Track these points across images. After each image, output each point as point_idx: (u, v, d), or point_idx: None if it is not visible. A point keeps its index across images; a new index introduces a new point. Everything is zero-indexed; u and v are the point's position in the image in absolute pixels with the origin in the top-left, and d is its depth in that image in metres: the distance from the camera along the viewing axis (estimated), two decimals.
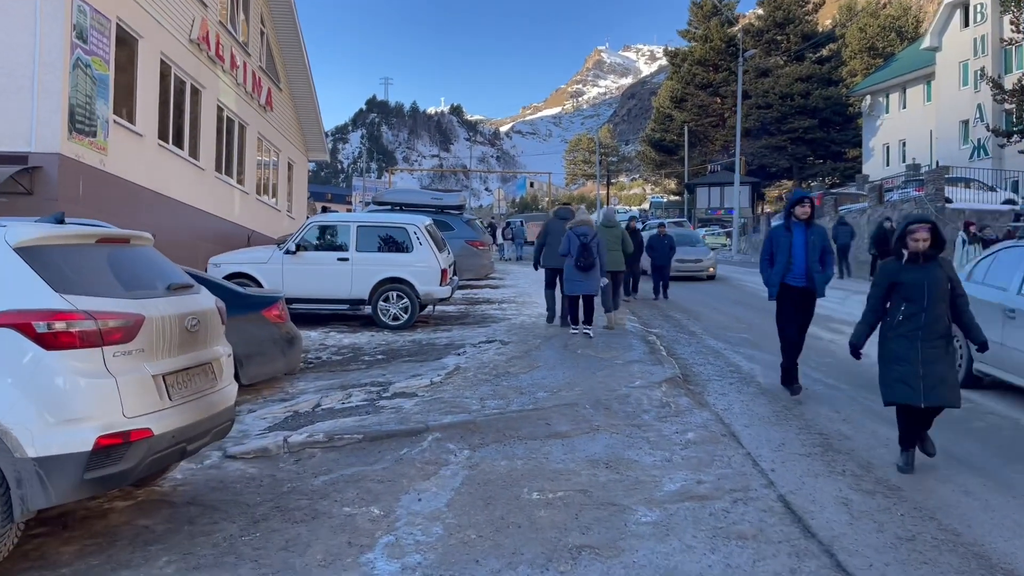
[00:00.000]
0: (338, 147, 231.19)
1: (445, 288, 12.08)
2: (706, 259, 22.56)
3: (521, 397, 7.07)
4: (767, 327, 12.70)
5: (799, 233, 7.52)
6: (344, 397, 7.56)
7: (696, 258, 22.26)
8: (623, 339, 10.43)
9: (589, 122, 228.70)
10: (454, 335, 11.19)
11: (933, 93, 45.00)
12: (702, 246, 24.04)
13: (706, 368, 8.98)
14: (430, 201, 18.08)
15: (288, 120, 22.93)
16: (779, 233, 7.64)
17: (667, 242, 17.75)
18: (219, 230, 16.80)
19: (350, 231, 12.04)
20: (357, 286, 11.94)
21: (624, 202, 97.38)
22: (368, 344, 10.74)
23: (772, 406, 7.15)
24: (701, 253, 22.84)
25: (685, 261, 21.14)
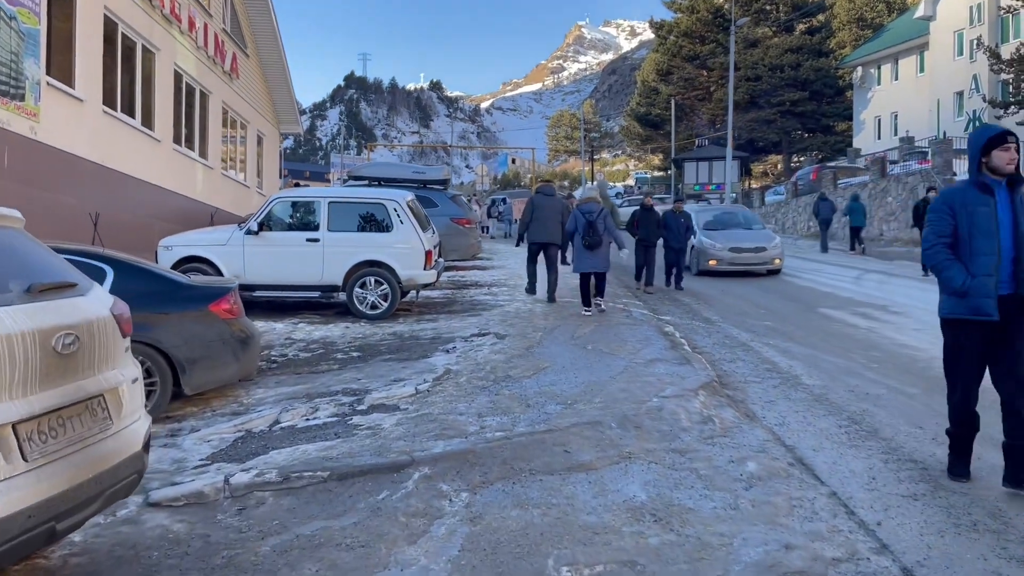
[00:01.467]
0: (316, 124, 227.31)
1: (430, 272, 10.67)
2: (771, 247, 16.28)
3: (528, 411, 5.70)
4: (788, 312, 11.45)
5: (1004, 199, 4.32)
6: (309, 411, 6.16)
7: (757, 245, 16.24)
8: (637, 330, 9.07)
9: (570, 98, 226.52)
10: (441, 326, 9.79)
11: (926, 64, 43.82)
12: (760, 228, 17.71)
13: (738, 366, 7.66)
14: (411, 175, 16.55)
15: (257, 90, 21.25)
16: (971, 196, 4.37)
17: (683, 221, 14.77)
18: (178, 208, 15.23)
19: (321, 208, 10.56)
20: (329, 270, 10.49)
21: (608, 178, 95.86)
22: (342, 338, 9.32)
23: (835, 419, 5.83)
24: (763, 239, 16.66)
25: (742, 250, 16.04)
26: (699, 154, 52.69)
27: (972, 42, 39.12)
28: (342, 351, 8.62)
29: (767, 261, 16.22)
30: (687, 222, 14.82)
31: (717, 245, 16.24)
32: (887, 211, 25.15)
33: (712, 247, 16.25)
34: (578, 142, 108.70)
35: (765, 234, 17.27)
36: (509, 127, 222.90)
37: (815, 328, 9.98)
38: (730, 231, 16.85)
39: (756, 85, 49.64)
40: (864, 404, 6.24)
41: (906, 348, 8.59)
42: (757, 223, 18.04)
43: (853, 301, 12.49)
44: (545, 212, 11.52)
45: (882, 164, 26.34)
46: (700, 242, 16.34)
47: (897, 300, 12.45)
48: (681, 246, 14.57)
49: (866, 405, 6.20)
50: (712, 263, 16.14)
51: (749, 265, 16.11)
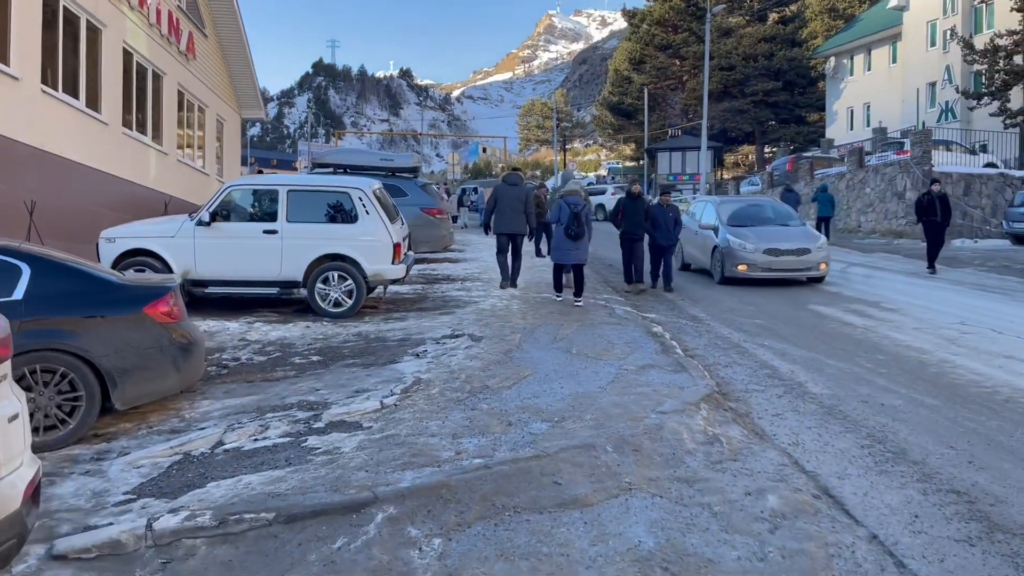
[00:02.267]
0: (284, 111, 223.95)
1: (399, 266, 9.88)
2: (815, 248, 13.17)
3: (510, 431, 4.98)
4: (777, 309, 10.84)
5: None
6: (259, 429, 5.39)
7: (798, 246, 13.10)
8: (623, 330, 8.39)
9: (541, 87, 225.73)
10: (410, 326, 9.03)
11: (899, 54, 43.71)
12: (798, 223, 14.49)
13: (736, 372, 7.01)
14: (379, 163, 15.68)
15: (216, 72, 20.19)
16: None
17: (672, 215, 12.84)
18: (129, 196, 14.24)
19: (279, 197, 9.71)
20: (289, 265, 9.66)
21: (580, 168, 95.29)
22: (302, 339, 8.52)
23: (854, 436, 5.19)
24: (804, 237, 13.52)
25: (780, 252, 12.93)
26: (672, 144, 52.23)
27: (945, 33, 39.02)
28: (301, 355, 7.83)
29: (810, 266, 13.11)
30: (676, 216, 12.95)
31: (748, 246, 13.00)
32: (865, 202, 24.80)
33: (742, 248, 13.03)
34: (549, 131, 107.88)
35: (805, 232, 14.08)
36: (480, 116, 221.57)
37: (809, 327, 9.38)
38: (762, 228, 13.74)
39: (730, 75, 49.28)
40: (881, 418, 5.61)
41: (911, 350, 8.01)
42: (793, 218, 14.74)
43: (843, 297, 11.94)
44: (507, 202, 11.50)
45: (859, 155, 25.99)
46: (726, 241, 13.29)
47: (887, 296, 11.93)
48: (669, 243, 12.84)
49: (884, 419, 5.57)
50: (742, 268, 13.01)
51: (789, 271, 13.05)
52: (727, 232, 13.53)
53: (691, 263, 15.12)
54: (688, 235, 14.50)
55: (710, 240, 13.96)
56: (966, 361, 7.41)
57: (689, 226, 14.49)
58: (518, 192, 11.62)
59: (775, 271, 13.06)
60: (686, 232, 14.22)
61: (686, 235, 14.35)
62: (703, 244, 14.33)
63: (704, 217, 14.65)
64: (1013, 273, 14.51)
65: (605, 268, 16.17)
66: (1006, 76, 29.37)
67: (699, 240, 14.51)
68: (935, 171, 22.80)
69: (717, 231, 13.76)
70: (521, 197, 11.58)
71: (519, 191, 11.67)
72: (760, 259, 12.99)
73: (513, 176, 12.16)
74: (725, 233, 13.54)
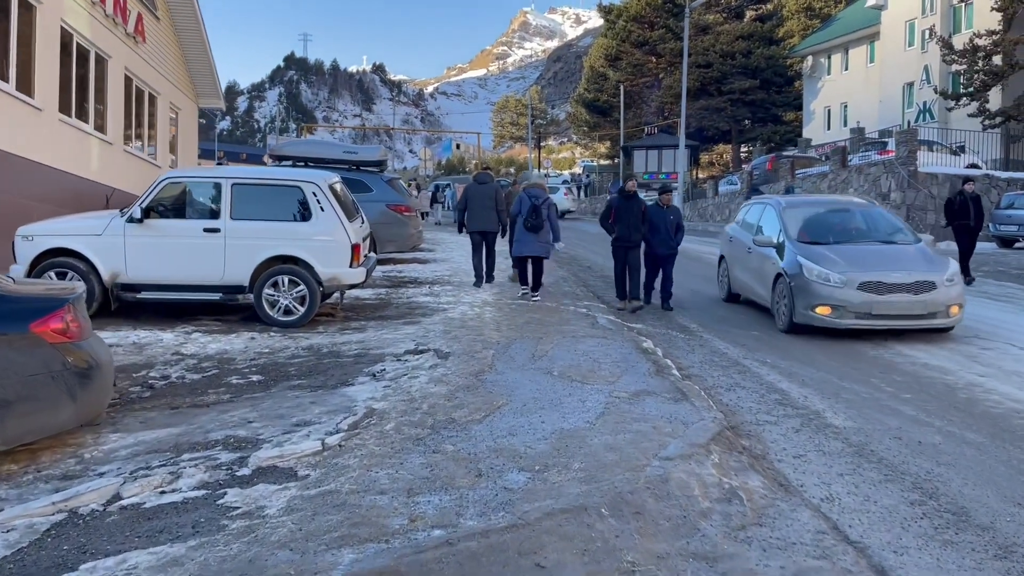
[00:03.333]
0: (254, 105, 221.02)
1: (357, 270, 8.83)
2: (943, 280, 8.56)
3: (480, 485, 3.99)
4: (770, 319, 9.96)
5: None
6: (169, 477, 4.34)
7: (916, 278, 8.53)
8: (609, 345, 7.43)
9: (515, 84, 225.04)
10: (369, 338, 8.00)
11: (877, 54, 43.39)
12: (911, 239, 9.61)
13: (741, 396, 6.08)
14: (342, 155, 14.56)
15: (170, 57, 18.91)
16: None
17: (672, 217, 10.75)
18: (66, 188, 13.01)
19: (222, 190, 8.61)
20: (233, 267, 8.58)
21: (554, 166, 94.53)
22: (244, 354, 7.46)
23: (897, 488, 4.28)
24: (923, 264, 8.83)
25: (888, 289, 8.43)
26: (648, 142, 51.56)
27: (924, 32, 38.68)
28: (240, 373, 6.77)
29: (935, 310, 8.41)
30: (677, 220, 10.82)
31: (834, 276, 8.46)
32: None
33: (823, 280, 8.52)
34: (523, 128, 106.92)
35: (922, 253, 9.06)
36: (454, 112, 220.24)
37: (813, 342, 8.50)
38: (854, 247, 9.15)
39: (707, 72, 48.65)
40: (924, 461, 4.71)
41: (930, 369, 7.15)
42: (900, 230, 9.80)
43: None
44: (478, 200, 11.80)
45: (842, 154, 25.34)
46: (796, 266, 8.82)
47: None
48: (669, 252, 10.75)
49: (927, 463, 4.67)
50: (823, 311, 8.46)
51: (901, 318, 8.43)
52: (798, 252, 8.97)
53: (740, 292, 10.82)
54: (737, 252, 10.81)
55: (770, 263, 9.40)
56: (997, 384, 6.56)
57: (738, 239, 10.82)
58: (488, 190, 11.91)
59: (879, 318, 8.36)
60: (734, 248, 10.94)
61: (734, 252, 10.92)
62: (759, 268, 9.81)
63: (763, 227, 10.11)
64: (1011, 279, 13.80)
65: (584, 271, 15.25)
66: (985, 77, 29.00)
67: (753, 261, 10.03)
68: (920, 171, 22.22)
69: (782, 249, 9.23)
70: (491, 195, 11.87)
71: (489, 189, 11.95)
72: (853, 298, 8.31)
73: (483, 175, 12.43)
74: (795, 253, 8.96)
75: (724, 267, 11.41)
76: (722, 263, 11.53)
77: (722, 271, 11.51)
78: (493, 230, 11.87)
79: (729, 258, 11.21)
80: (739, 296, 10.96)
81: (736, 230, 11.26)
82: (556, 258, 17.58)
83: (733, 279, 11.00)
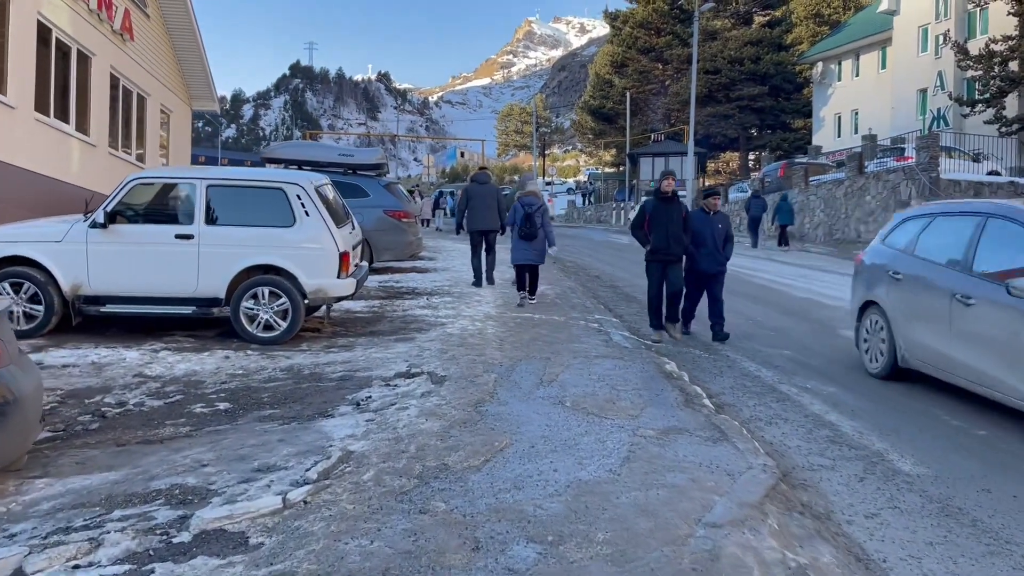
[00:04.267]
0: (260, 113, 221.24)
1: (346, 281, 7.96)
2: None
3: (477, 563, 3.10)
4: (803, 335, 9.01)
5: None
6: (87, 546, 3.46)
7: None
8: (627, 367, 6.53)
9: (520, 93, 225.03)
10: (357, 358, 7.12)
11: (889, 60, 42.55)
12: None
13: (785, 432, 5.19)
14: (337, 158, 13.71)
15: (160, 57, 18.12)
16: None
17: (722, 227, 8.77)
18: (40, 192, 12.19)
19: (195, 193, 7.75)
20: (207, 278, 7.72)
21: (559, 174, 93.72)
22: (214, 376, 6.59)
23: (1006, 562, 3.39)
24: None
25: None
26: (655, 149, 50.75)
27: (938, 37, 37.86)
28: (206, 400, 5.90)
29: None
30: (726, 229, 8.80)
31: None
32: (865, 211, 23.23)
33: None
34: (528, 136, 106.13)
35: None
36: (458, 120, 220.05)
37: (854, 363, 7.60)
38: None
39: (715, 78, 47.80)
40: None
41: None
42: None
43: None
44: (478, 200, 11.78)
45: (859, 160, 24.43)
46: None
47: None
48: (718, 269, 8.74)
49: None
50: None
51: None
52: None
53: (926, 366, 6.39)
54: (922, 301, 6.43)
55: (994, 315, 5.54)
56: None
57: (923, 280, 6.46)
58: (489, 190, 11.94)
59: None
60: (910, 293, 6.63)
61: (912, 300, 6.59)
62: (973, 324, 5.78)
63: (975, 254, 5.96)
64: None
65: (593, 281, 14.37)
66: (1001, 83, 28.21)
67: (985, 322, 5.65)
68: (942, 178, 21.33)
69: None
70: (492, 194, 11.94)
71: (489, 188, 12.00)
72: None
73: (482, 175, 12.32)
74: None
75: (879, 322, 7.04)
76: (870, 315, 7.23)
77: (872, 327, 7.17)
78: (494, 229, 11.94)
79: (896, 309, 6.77)
80: (911, 372, 6.64)
81: (909, 263, 6.77)
82: (563, 268, 16.73)
83: (909, 344, 6.52)
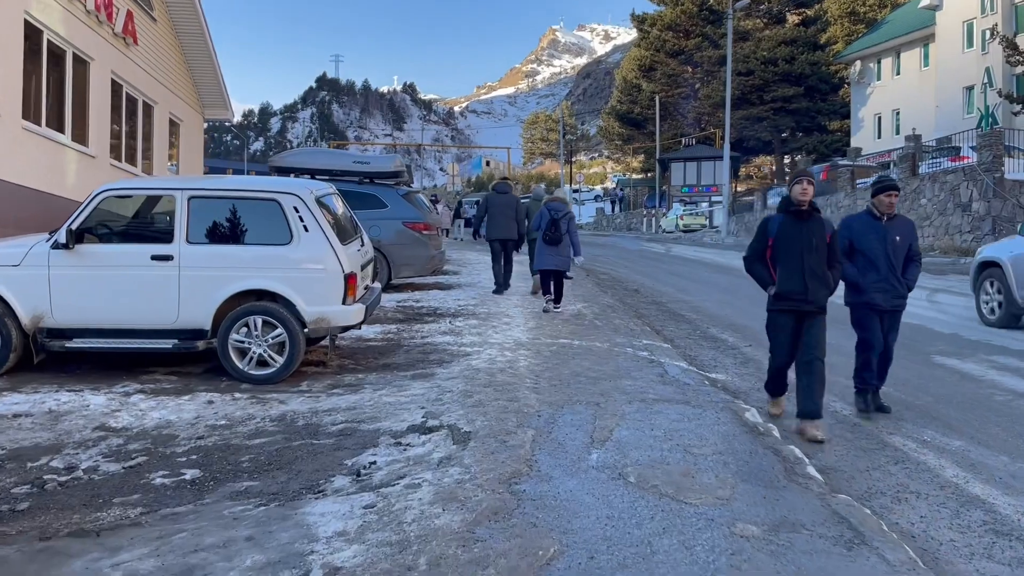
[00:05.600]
0: (287, 126, 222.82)
1: (353, 307, 6.74)
2: None
3: None
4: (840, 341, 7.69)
5: None
6: None
7: None
8: (700, 421, 5.20)
9: (545, 101, 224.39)
10: (364, 403, 5.88)
11: (932, 57, 40.74)
12: None
13: (923, 515, 3.86)
14: (352, 166, 12.55)
15: (168, 62, 17.16)
16: None
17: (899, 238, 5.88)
18: (33, 207, 11.17)
19: (176, 206, 6.60)
20: (190, 306, 6.55)
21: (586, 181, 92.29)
22: (190, 429, 5.40)
23: None
24: None
25: None
26: (687, 154, 49.32)
27: (984, 32, 36.07)
28: (173, 465, 4.71)
29: None
30: (910, 240, 5.95)
31: None
32: (920, 215, 21.63)
33: None
34: (553, 144, 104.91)
35: None
36: (484, 129, 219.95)
37: (968, 399, 6.22)
38: None
39: (747, 80, 46.19)
40: None
41: None
42: None
43: (969, 342, 8.78)
44: (498, 209, 12.03)
45: (912, 161, 22.86)
46: None
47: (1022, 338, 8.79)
48: (897, 302, 5.90)
49: None
50: None
51: None
52: None
53: None
54: None
55: None
56: None
57: None
58: (509, 200, 12.18)
59: None
60: None
61: None
62: None
63: None
64: None
65: (632, 296, 13.06)
66: None
67: None
68: (1007, 178, 19.71)
69: None
70: (512, 204, 12.14)
71: (510, 199, 12.22)
72: None
73: (503, 185, 12.58)
74: None
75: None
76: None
77: None
78: (512, 238, 12.14)
79: None
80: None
81: None
82: (598, 281, 15.42)
83: None
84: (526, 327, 9.22)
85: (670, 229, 40.51)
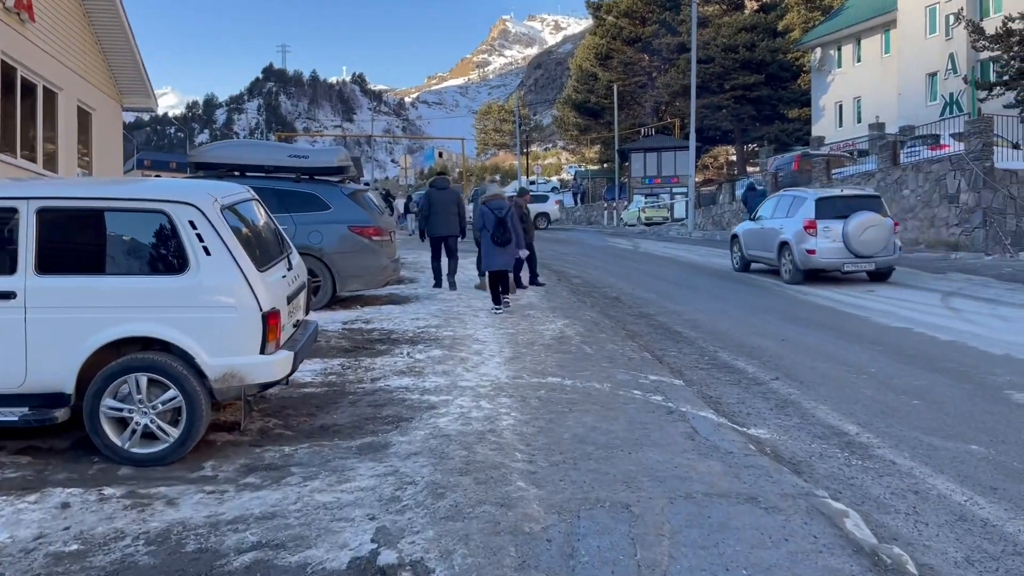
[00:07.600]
0: (233, 118, 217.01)
1: (276, 357, 4.92)
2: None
3: None
4: (958, 402, 5.93)
5: None
6: None
7: None
8: (784, 532, 3.56)
9: (496, 92, 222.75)
10: (286, 506, 4.08)
11: (893, 43, 40.05)
12: None
13: None
14: (287, 160, 10.54)
15: (76, 44, 14.93)
16: None
17: None
18: None
19: (21, 222, 4.71)
20: (42, 362, 4.67)
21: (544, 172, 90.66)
22: (22, 559, 3.55)
23: None
24: None
25: None
26: (647, 144, 47.94)
27: (948, 17, 35.39)
28: None
29: None
30: None
31: None
32: (903, 207, 20.42)
33: None
34: (507, 135, 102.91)
35: None
36: (435, 120, 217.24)
37: None
38: None
39: (708, 68, 44.93)
40: None
41: None
42: None
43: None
44: (439, 205, 11.97)
45: (893, 150, 21.66)
46: None
47: None
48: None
49: None
50: None
51: None
52: None
53: None
54: None
55: None
56: None
57: None
58: (450, 195, 12.16)
59: None
60: None
61: None
62: None
63: None
64: None
65: (613, 306, 11.40)
66: (1022, 63, 25.81)
67: None
68: (997, 168, 18.58)
69: None
70: (453, 200, 12.11)
71: (450, 195, 12.17)
72: None
73: (441, 180, 12.59)
74: None
75: None
76: None
77: None
78: (453, 234, 12.10)
79: None
80: None
81: None
82: (572, 287, 13.77)
83: None
84: (502, 357, 7.50)
85: (632, 222, 39.09)
